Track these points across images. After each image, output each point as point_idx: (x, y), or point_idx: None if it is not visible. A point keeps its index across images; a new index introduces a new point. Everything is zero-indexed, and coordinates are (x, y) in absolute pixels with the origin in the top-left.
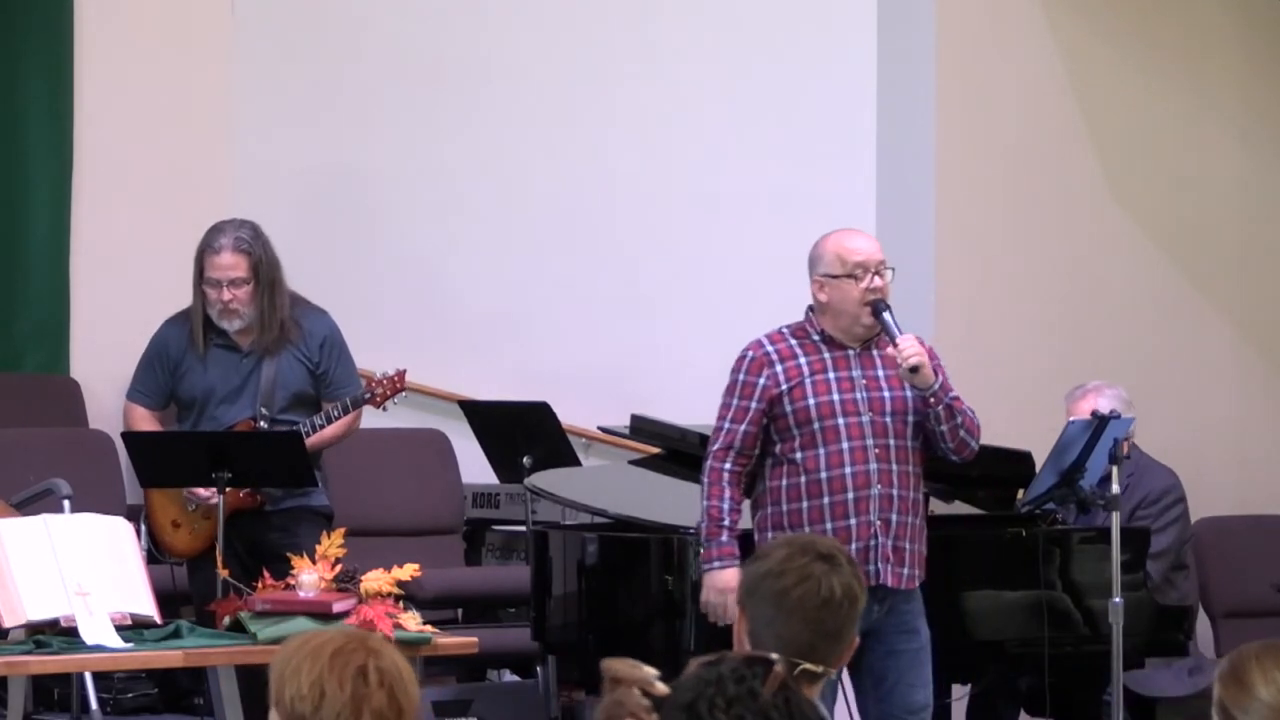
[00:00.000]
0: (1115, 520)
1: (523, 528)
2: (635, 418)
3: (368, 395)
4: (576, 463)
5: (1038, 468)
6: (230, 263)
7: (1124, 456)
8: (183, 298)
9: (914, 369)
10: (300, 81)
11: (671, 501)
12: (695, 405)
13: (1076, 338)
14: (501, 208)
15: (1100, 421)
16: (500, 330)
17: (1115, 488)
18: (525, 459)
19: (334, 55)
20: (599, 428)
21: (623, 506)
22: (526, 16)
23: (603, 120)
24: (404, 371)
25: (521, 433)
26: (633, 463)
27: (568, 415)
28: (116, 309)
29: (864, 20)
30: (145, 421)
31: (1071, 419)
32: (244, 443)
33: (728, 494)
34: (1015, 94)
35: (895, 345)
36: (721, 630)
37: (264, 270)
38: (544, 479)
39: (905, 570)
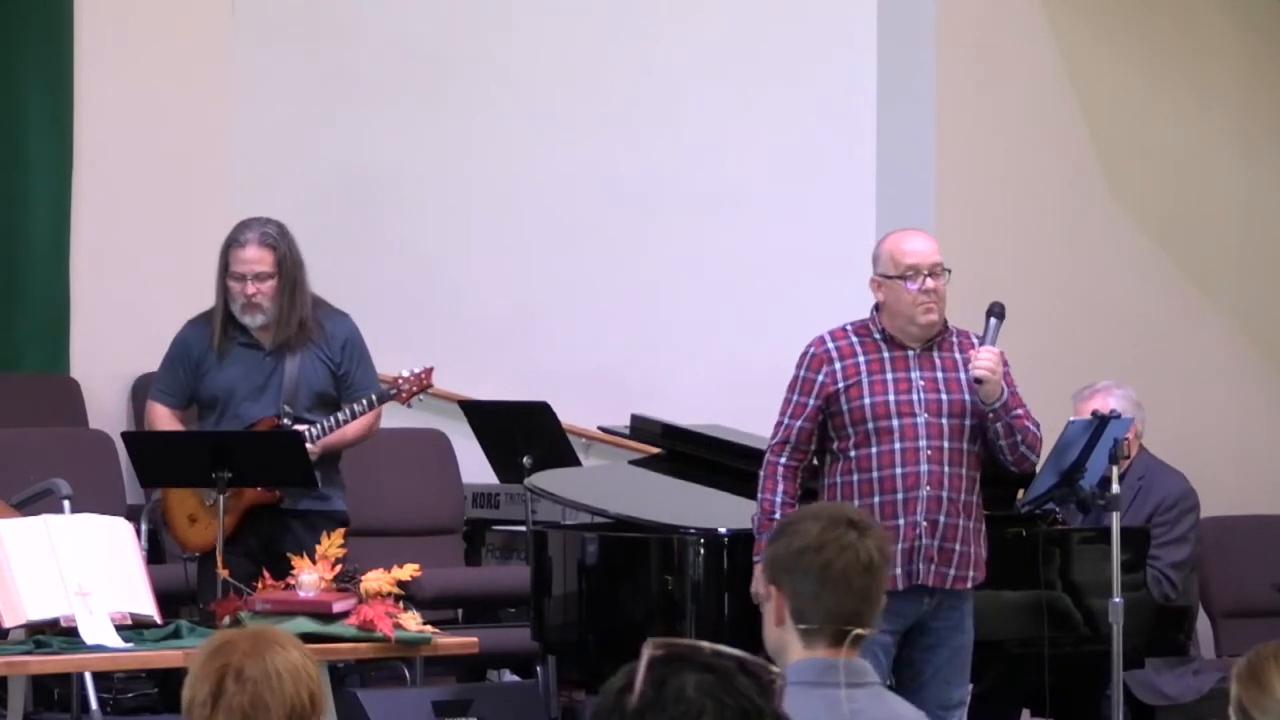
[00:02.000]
0: (1115, 520)
1: (523, 528)
2: (635, 418)
3: (393, 391)
4: (576, 463)
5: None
6: (255, 256)
7: (1126, 456)
8: (183, 297)
9: (978, 380)
10: (300, 81)
11: (671, 501)
12: (696, 405)
13: (1076, 337)
14: (501, 208)
15: (1100, 421)
16: (500, 330)
17: (1115, 488)
18: (525, 459)
19: (334, 54)
20: (599, 428)
21: (623, 506)
22: (527, 15)
23: (602, 121)
24: (431, 369)
25: (521, 433)
26: (633, 463)
27: (568, 415)
28: (116, 309)
29: (864, 20)
30: (167, 420)
31: (1072, 419)
32: (244, 443)
33: (781, 487)
34: (1015, 93)
35: (977, 349)
36: (721, 629)
37: (288, 267)
38: (544, 479)
39: (951, 571)
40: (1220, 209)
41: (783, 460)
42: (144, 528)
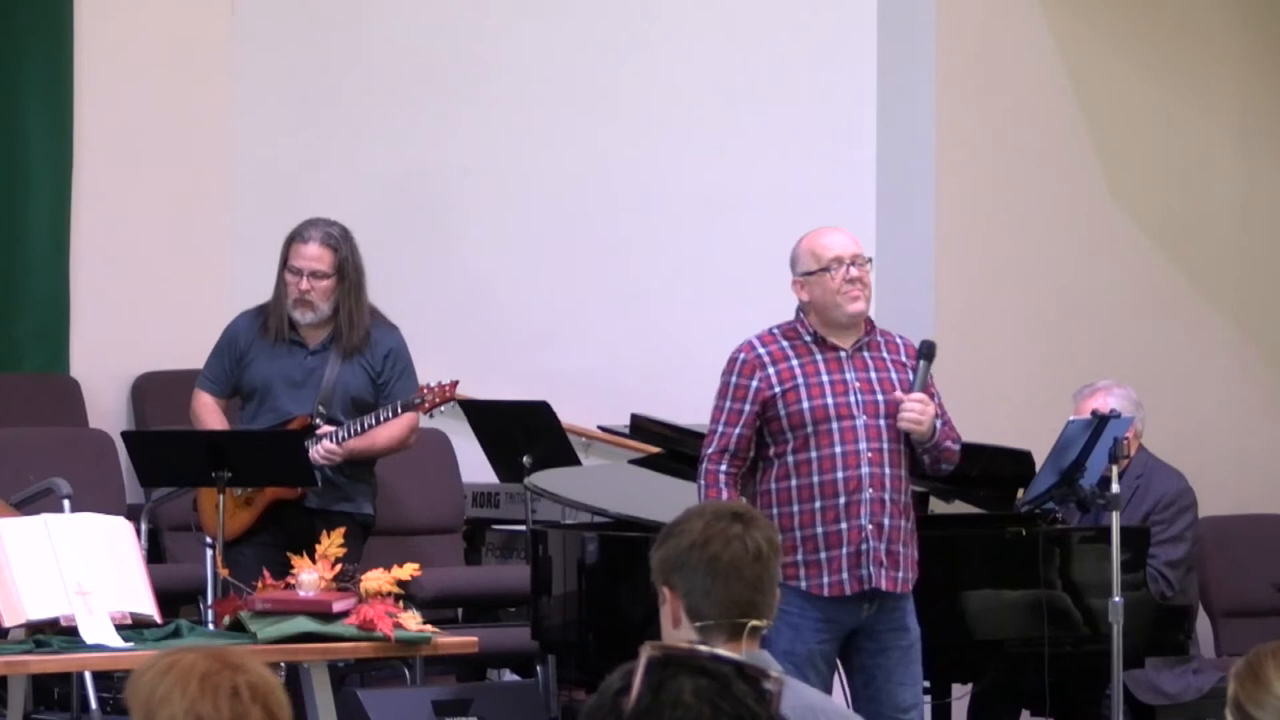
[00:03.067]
0: (1115, 520)
1: (523, 527)
2: (635, 417)
3: (418, 400)
4: (576, 462)
5: (1038, 467)
6: (315, 254)
7: (1125, 456)
8: (183, 297)
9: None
10: (301, 83)
11: (671, 501)
12: (695, 405)
13: (1076, 337)
14: (500, 208)
15: (1100, 421)
16: (500, 330)
17: (1115, 487)
18: (525, 459)
19: (335, 57)
20: (599, 428)
21: (623, 506)
22: (528, 17)
23: (601, 119)
24: (456, 382)
25: (521, 433)
26: (633, 462)
27: (568, 415)
28: (116, 309)
29: (864, 19)
30: (209, 408)
31: (1072, 418)
32: (243, 442)
33: (725, 495)
34: (1015, 93)
35: (906, 397)
36: None
37: (349, 272)
38: (544, 479)
39: (900, 574)
40: (1220, 209)
41: (723, 468)
42: (144, 528)
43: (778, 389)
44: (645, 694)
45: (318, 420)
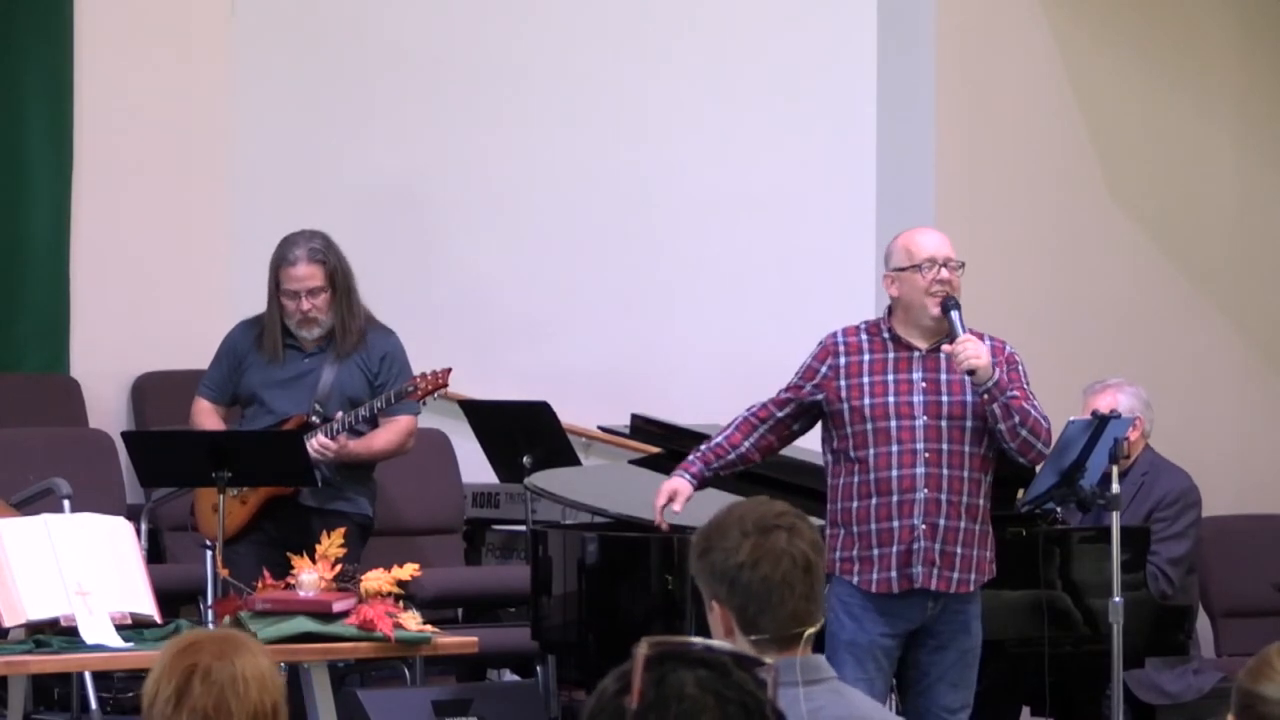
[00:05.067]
0: (1115, 520)
1: (523, 527)
2: (635, 418)
3: (410, 389)
4: (576, 463)
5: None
6: (307, 273)
7: (1126, 455)
8: (183, 298)
9: (970, 371)
10: (300, 84)
11: None
12: (695, 405)
13: (1075, 337)
14: (500, 208)
15: (1100, 421)
16: (500, 330)
17: (1115, 487)
18: (525, 459)
19: (334, 55)
20: (599, 428)
21: (623, 506)
22: (530, 17)
23: (601, 119)
24: (449, 370)
25: (521, 433)
26: (633, 462)
27: (568, 415)
28: (116, 309)
29: (864, 19)
30: (208, 413)
31: (1072, 419)
32: (243, 442)
33: (725, 433)
34: (1015, 94)
35: (952, 343)
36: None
37: (340, 278)
38: (544, 479)
39: (955, 575)
40: (1219, 208)
41: (754, 409)
42: (144, 528)
43: (842, 381)
44: (648, 691)
45: (314, 419)
